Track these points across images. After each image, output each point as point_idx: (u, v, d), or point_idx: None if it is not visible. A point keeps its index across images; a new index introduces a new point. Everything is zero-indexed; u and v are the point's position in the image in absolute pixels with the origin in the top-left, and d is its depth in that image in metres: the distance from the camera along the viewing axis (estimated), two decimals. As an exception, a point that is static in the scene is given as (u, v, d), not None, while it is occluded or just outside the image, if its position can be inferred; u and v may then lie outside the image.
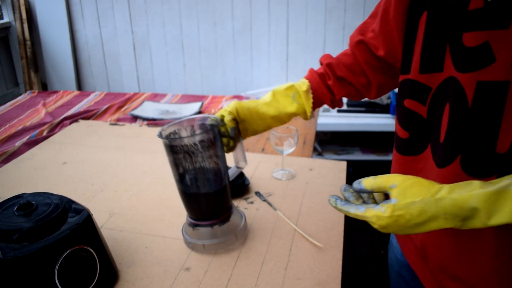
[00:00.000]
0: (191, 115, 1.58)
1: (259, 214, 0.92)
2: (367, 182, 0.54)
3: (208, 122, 0.78)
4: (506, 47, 0.46)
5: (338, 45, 2.53)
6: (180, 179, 0.76)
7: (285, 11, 2.49)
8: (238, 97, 1.76)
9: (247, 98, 1.76)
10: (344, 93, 0.82)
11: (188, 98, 1.83)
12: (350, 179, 0.56)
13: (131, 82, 2.82)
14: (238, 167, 0.86)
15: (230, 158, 0.85)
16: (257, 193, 1.00)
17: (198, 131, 0.79)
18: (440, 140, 0.56)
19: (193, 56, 2.69)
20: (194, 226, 0.80)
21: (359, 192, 0.56)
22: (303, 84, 0.81)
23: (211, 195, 0.77)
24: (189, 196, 0.77)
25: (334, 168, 1.12)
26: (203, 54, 2.67)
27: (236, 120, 0.80)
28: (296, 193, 1.00)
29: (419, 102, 0.60)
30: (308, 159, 1.17)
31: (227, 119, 0.78)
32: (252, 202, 0.96)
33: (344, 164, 1.14)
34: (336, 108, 1.00)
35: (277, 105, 0.81)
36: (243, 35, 2.58)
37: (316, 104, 0.84)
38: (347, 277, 1.86)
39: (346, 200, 0.57)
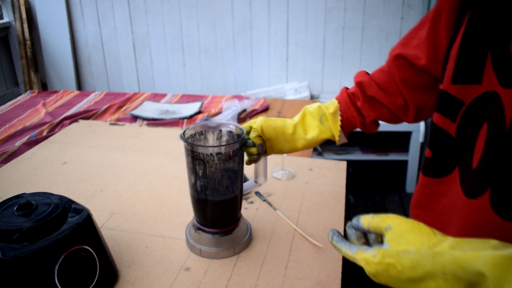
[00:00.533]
0: (191, 115, 1.58)
1: (259, 214, 0.92)
2: (365, 220, 0.48)
3: (235, 132, 0.76)
4: None
5: (338, 45, 2.53)
6: (193, 182, 0.76)
7: (285, 11, 2.49)
8: (238, 97, 1.76)
9: (247, 98, 1.75)
10: (375, 115, 0.74)
11: (188, 98, 1.83)
12: (350, 179, 0.55)
13: (131, 82, 2.82)
14: (256, 182, 0.85)
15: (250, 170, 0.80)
16: (257, 193, 0.99)
17: (224, 138, 0.78)
18: (473, 165, 0.48)
19: (193, 56, 2.69)
20: (197, 229, 0.80)
21: (357, 230, 0.49)
22: (331, 105, 0.76)
23: (218, 205, 0.77)
24: (197, 201, 0.77)
25: (334, 168, 1.12)
26: (203, 54, 2.67)
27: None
28: (296, 193, 1.00)
29: (448, 118, 0.51)
30: (308, 159, 1.17)
31: (252, 135, 0.76)
32: (252, 202, 0.96)
33: (344, 164, 1.14)
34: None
35: (304, 127, 0.77)
36: (243, 35, 2.58)
37: (347, 127, 0.77)
38: (347, 277, 1.86)
39: (347, 238, 0.51)
